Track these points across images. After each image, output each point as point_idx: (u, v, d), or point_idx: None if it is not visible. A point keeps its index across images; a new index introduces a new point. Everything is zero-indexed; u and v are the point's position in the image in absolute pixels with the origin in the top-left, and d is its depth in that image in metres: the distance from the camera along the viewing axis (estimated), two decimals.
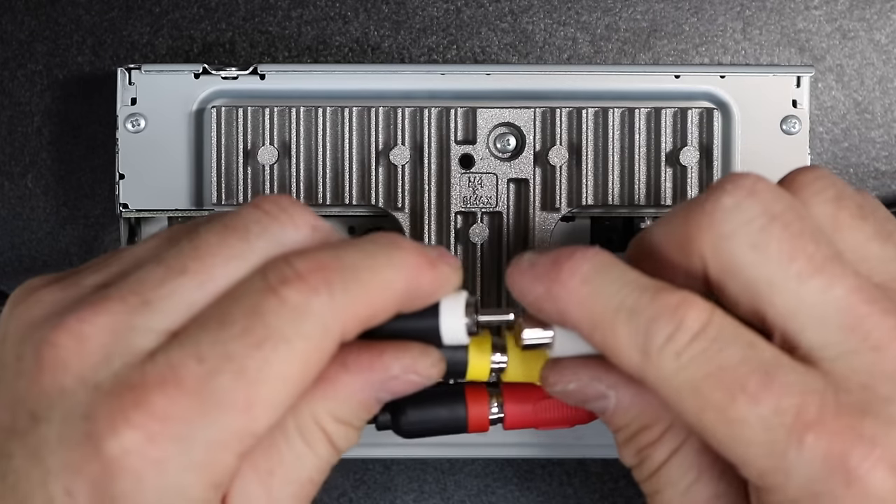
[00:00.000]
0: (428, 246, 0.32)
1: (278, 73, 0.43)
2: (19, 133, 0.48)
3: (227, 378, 0.28)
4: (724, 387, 0.29)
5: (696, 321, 0.30)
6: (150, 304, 0.29)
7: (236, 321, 0.29)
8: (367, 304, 0.30)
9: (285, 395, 0.29)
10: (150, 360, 0.29)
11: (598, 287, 0.31)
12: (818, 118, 0.48)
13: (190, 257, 0.30)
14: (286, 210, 0.31)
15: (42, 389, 0.29)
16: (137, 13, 0.48)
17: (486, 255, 0.42)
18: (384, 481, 0.49)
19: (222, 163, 0.42)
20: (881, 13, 0.48)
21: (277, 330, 0.29)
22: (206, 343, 0.29)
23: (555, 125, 0.42)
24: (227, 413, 0.28)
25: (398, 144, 0.42)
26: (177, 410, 0.28)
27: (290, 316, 0.29)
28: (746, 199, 0.30)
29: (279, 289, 0.29)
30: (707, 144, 0.42)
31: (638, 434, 0.33)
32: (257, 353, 0.29)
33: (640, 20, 0.48)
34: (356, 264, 0.30)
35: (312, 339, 0.29)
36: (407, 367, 0.32)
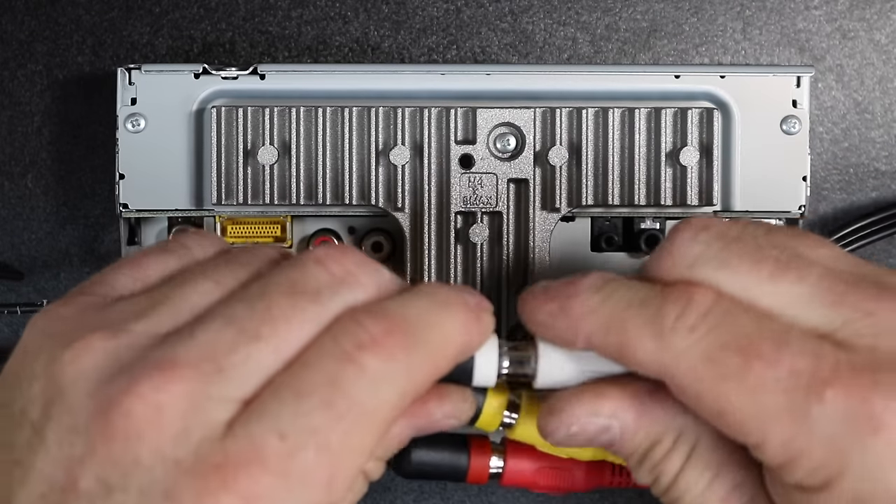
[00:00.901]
0: (464, 291, 0.32)
1: (278, 73, 0.43)
2: (19, 133, 0.48)
3: (311, 454, 0.28)
4: (740, 353, 0.29)
5: (706, 298, 0.30)
6: (224, 373, 0.29)
7: (315, 392, 0.28)
8: (434, 364, 0.31)
9: (360, 465, 0.29)
10: (230, 436, 0.28)
11: (608, 293, 0.32)
12: (818, 118, 0.48)
13: (263, 320, 0.29)
14: (353, 273, 0.31)
15: (113, 457, 0.28)
16: (137, 13, 0.48)
17: (485, 255, 0.42)
18: (384, 481, 0.49)
19: (222, 163, 0.42)
20: (881, 13, 0.48)
21: (358, 401, 0.29)
22: (286, 417, 0.28)
23: (555, 125, 0.42)
24: (311, 490, 0.28)
25: (398, 144, 0.42)
26: (262, 490, 0.27)
27: (369, 384, 0.29)
28: (702, 231, 0.32)
29: (357, 355, 0.29)
30: (707, 144, 0.42)
31: (650, 451, 0.33)
32: (339, 427, 0.28)
33: (640, 20, 0.48)
34: (422, 322, 0.30)
35: (391, 406, 0.29)
36: (448, 414, 0.33)
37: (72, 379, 0.29)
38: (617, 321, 0.31)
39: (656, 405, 0.32)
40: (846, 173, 0.49)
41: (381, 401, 0.29)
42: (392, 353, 0.29)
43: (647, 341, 0.30)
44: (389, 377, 0.29)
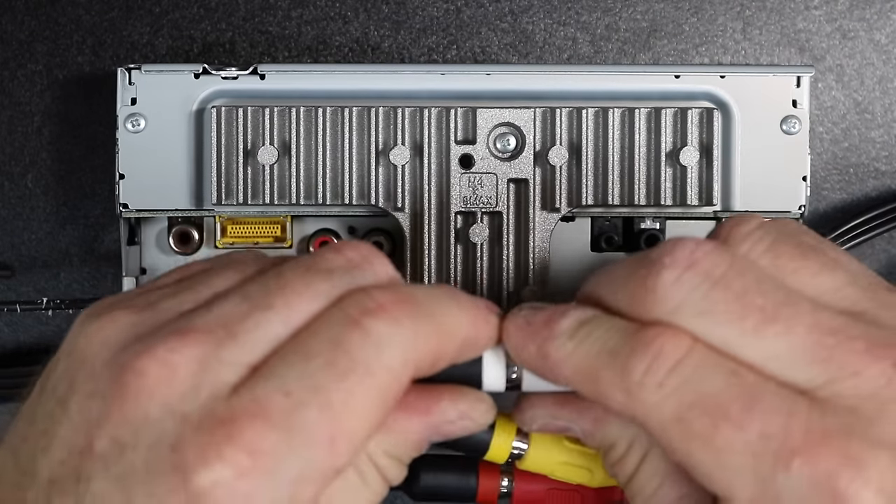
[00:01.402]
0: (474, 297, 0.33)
1: (278, 73, 0.43)
2: (19, 133, 0.48)
3: (314, 411, 0.29)
4: (707, 414, 0.29)
5: (676, 350, 0.30)
6: (236, 338, 0.30)
7: (320, 353, 0.29)
8: (441, 343, 0.31)
9: (366, 429, 0.30)
10: (236, 395, 0.29)
11: (581, 338, 0.32)
12: (818, 118, 0.48)
13: (276, 294, 0.30)
14: (368, 259, 0.32)
15: (126, 416, 0.29)
16: (137, 13, 0.48)
17: (485, 255, 0.42)
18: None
19: (222, 163, 0.42)
20: (881, 13, 0.48)
21: (362, 361, 0.29)
22: (291, 377, 0.29)
23: (555, 125, 0.42)
24: (313, 447, 0.29)
25: (398, 144, 0.42)
26: (266, 445, 0.28)
27: (373, 347, 0.29)
28: (686, 271, 0.31)
29: (362, 320, 0.30)
30: (707, 144, 0.42)
31: (607, 453, 0.34)
32: (342, 385, 0.29)
33: (640, 20, 0.48)
34: (430, 303, 0.31)
35: (394, 371, 0.30)
36: (463, 414, 0.33)
37: (95, 350, 0.30)
38: (589, 371, 0.31)
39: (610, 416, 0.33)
40: (846, 173, 0.49)
41: (384, 364, 0.29)
42: (397, 319, 0.30)
43: (618, 395, 0.30)
44: (393, 341, 0.30)
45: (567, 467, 0.35)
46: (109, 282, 0.48)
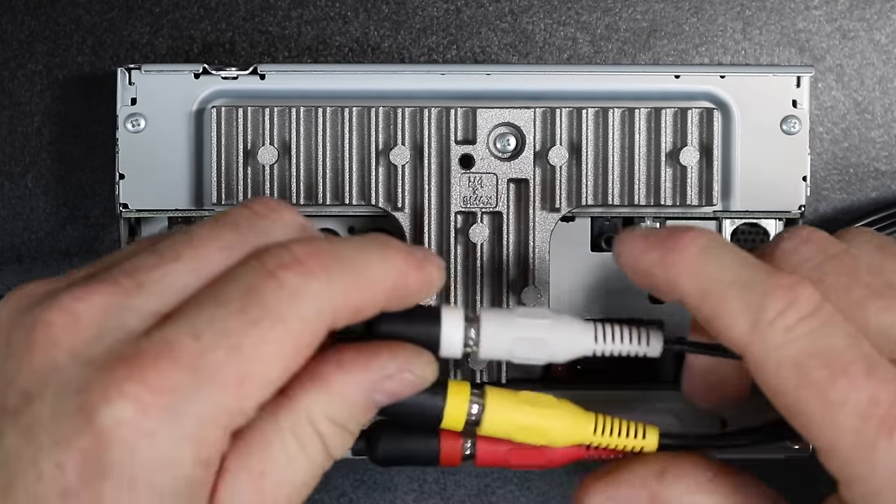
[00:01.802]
0: (414, 247, 0.33)
1: (278, 73, 0.43)
2: (19, 133, 0.48)
3: (222, 354, 0.29)
4: (828, 367, 0.30)
5: (808, 303, 0.31)
6: (143, 287, 0.30)
7: (233, 300, 0.29)
8: (359, 294, 0.31)
9: (277, 374, 0.30)
10: (144, 337, 0.29)
11: (713, 259, 0.32)
12: (818, 118, 0.48)
13: (183, 246, 0.31)
14: (276, 210, 0.32)
15: (34, 367, 0.29)
16: (137, 13, 0.48)
17: (486, 255, 0.42)
18: (384, 481, 0.49)
19: (222, 163, 0.42)
20: (881, 13, 0.48)
21: (274, 309, 0.29)
22: (202, 320, 0.29)
23: (555, 125, 0.42)
24: (220, 388, 0.29)
25: (398, 144, 0.42)
26: (170, 383, 0.28)
27: (287, 297, 0.30)
28: (803, 244, 0.33)
29: (277, 272, 0.30)
30: (707, 144, 0.42)
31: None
32: (253, 331, 0.29)
33: (640, 20, 0.48)
34: (350, 255, 0.31)
35: (307, 321, 0.30)
36: (402, 366, 0.32)
37: (8, 316, 0.31)
38: (716, 292, 0.32)
39: (666, 489, 0.34)
40: (846, 173, 0.49)
41: (297, 314, 0.30)
42: (312, 271, 0.30)
43: (742, 325, 0.31)
44: (308, 293, 0.30)
45: (526, 431, 0.35)
46: None
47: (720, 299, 0.31)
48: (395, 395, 0.32)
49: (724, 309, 0.31)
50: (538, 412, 0.35)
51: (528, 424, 0.35)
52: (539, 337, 0.35)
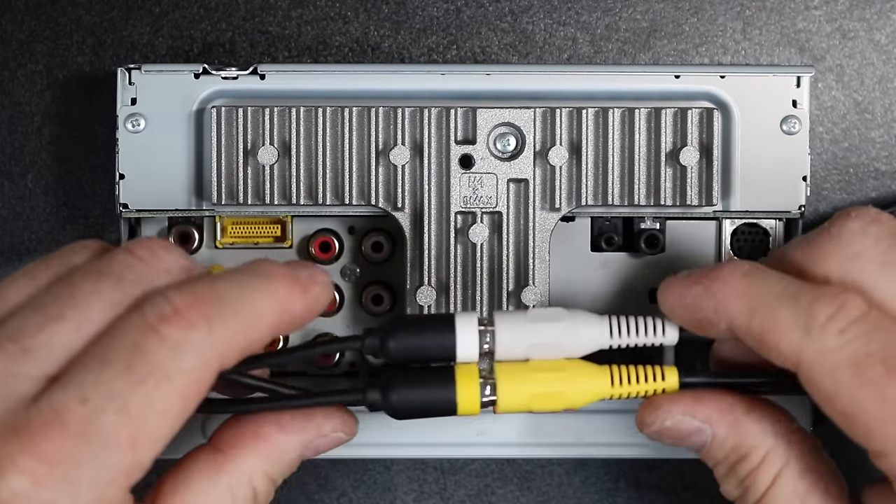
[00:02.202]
0: (299, 266, 0.34)
1: (278, 73, 0.43)
2: (19, 133, 0.48)
3: (111, 417, 0.29)
4: (885, 364, 0.30)
5: (857, 307, 0.31)
6: (29, 351, 0.30)
7: (118, 359, 0.29)
8: (243, 335, 0.31)
9: (167, 429, 0.30)
10: (34, 405, 0.29)
11: (757, 279, 0.33)
12: (818, 118, 0.48)
13: (67, 304, 0.31)
14: (157, 254, 0.32)
15: None
16: (137, 13, 0.48)
17: (485, 255, 0.42)
18: (384, 481, 0.49)
19: (222, 163, 0.42)
20: (881, 13, 0.48)
21: (159, 366, 0.29)
22: (88, 383, 0.29)
23: (555, 125, 0.42)
24: (113, 451, 0.29)
25: (398, 144, 0.42)
26: (62, 452, 0.28)
27: (170, 352, 0.30)
28: (871, 224, 0.33)
29: (158, 326, 0.30)
30: (707, 144, 0.42)
31: (738, 464, 0.34)
32: (140, 390, 0.29)
33: (640, 20, 0.48)
34: (231, 296, 0.31)
35: (192, 373, 0.30)
36: (336, 427, 0.34)
37: None
38: (764, 307, 0.32)
39: (750, 421, 0.34)
40: (846, 173, 0.49)
41: (182, 368, 0.30)
42: (193, 323, 0.30)
43: (794, 333, 0.31)
44: (190, 346, 0.30)
45: (542, 397, 0.35)
46: None
47: (769, 312, 0.32)
48: (321, 451, 0.34)
49: (774, 320, 0.31)
50: (552, 377, 0.34)
51: (545, 392, 0.34)
52: (555, 342, 0.35)
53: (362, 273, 0.45)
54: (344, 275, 0.45)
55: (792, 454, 0.34)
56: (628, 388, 0.35)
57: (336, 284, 0.45)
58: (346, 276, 0.45)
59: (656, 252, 0.44)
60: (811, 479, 0.33)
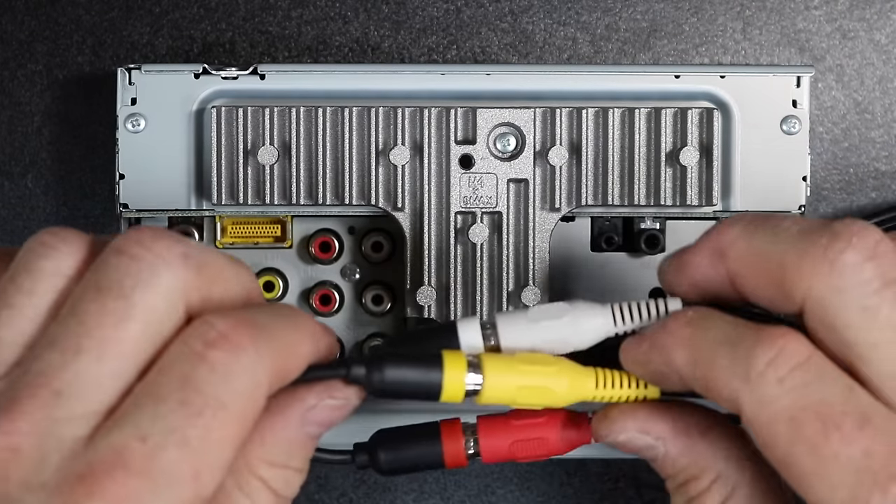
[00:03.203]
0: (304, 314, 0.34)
1: (278, 73, 0.43)
2: (19, 133, 0.48)
3: (173, 452, 0.29)
4: (820, 420, 0.29)
5: (798, 352, 0.30)
6: (61, 394, 0.29)
7: (170, 394, 0.29)
8: (286, 360, 0.31)
9: (228, 456, 0.30)
10: (91, 447, 0.29)
11: (699, 327, 0.32)
12: (818, 118, 0.48)
13: (78, 334, 0.30)
14: (150, 248, 0.31)
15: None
16: (137, 13, 0.48)
17: (485, 255, 0.42)
18: (384, 481, 0.49)
19: (222, 163, 0.42)
20: (881, 13, 0.48)
21: (213, 396, 0.29)
22: (145, 420, 0.29)
23: (555, 125, 0.42)
24: (177, 486, 0.29)
25: (398, 144, 0.42)
26: (130, 492, 0.28)
27: (221, 379, 0.29)
28: (869, 260, 0.30)
29: (206, 353, 0.29)
30: (707, 144, 0.42)
31: (687, 484, 0.34)
32: (198, 422, 0.29)
33: (640, 20, 0.48)
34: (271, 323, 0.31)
35: (246, 397, 0.30)
36: (320, 394, 0.33)
37: None
38: (704, 357, 0.31)
39: (704, 442, 0.33)
40: (846, 173, 0.49)
41: (236, 393, 0.29)
42: (240, 345, 0.30)
43: (733, 381, 0.30)
44: (241, 369, 0.30)
45: (527, 391, 0.34)
46: None
47: (709, 362, 0.31)
48: (326, 422, 0.33)
49: (713, 369, 0.31)
50: (537, 370, 0.34)
51: (529, 384, 0.34)
52: (560, 337, 0.35)
53: (362, 273, 0.45)
54: (344, 275, 0.45)
55: (743, 479, 0.33)
56: (611, 391, 0.34)
57: (336, 284, 0.45)
58: (346, 276, 0.45)
59: (656, 252, 0.44)
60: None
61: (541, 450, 0.36)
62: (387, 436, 0.36)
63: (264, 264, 0.45)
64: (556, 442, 0.36)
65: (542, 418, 0.36)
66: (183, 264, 0.31)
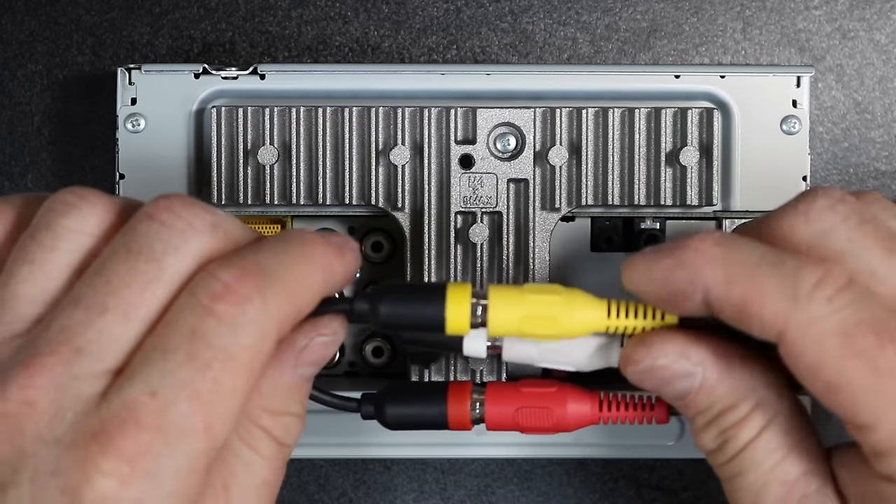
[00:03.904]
0: (329, 234, 0.33)
1: (278, 73, 0.43)
2: (19, 133, 0.48)
3: (183, 406, 0.29)
4: (875, 334, 0.29)
5: (842, 275, 0.30)
6: (82, 351, 0.29)
7: (179, 347, 0.29)
8: (295, 301, 0.31)
9: (237, 406, 0.30)
10: (104, 404, 0.29)
11: (733, 247, 0.31)
12: (818, 118, 0.48)
13: (105, 293, 0.30)
14: (181, 216, 0.31)
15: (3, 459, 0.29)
16: (137, 13, 0.48)
17: (485, 255, 0.42)
18: (384, 481, 0.49)
19: (222, 163, 0.42)
20: (881, 13, 0.48)
21: (221, 348, 0.29)
22: (155, 376, 0.29)
23: (555, 125, 0.42)
24: (190, 439, 0.29)
25: (398, 144, 0.42)
26: (142, 448, 0.28)
27: (228, 331, 0.30)
28: (839, 202, 0.31)
29: (212, 306, 0.30)
30: (707, 144, 0.42)
31: (723, 413, 0.32)
32: (207, 375, 0.29)
33: (640, 20, 0.48)
34: (276, 265, 0.31)
35: (254, 347, 0.30)
36: (309, 334, 0.33)
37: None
38: (744, 275, 0.30)
39: (744, 369, 0.32)
40: (846, 173, 0.49)
41: (243, 345, 0.30)
42: (246, 297, 0.30)
43: (778, 301, 0.30)
44: (247, 321, 0.30)
45: (532, 320, 0.33)
46: None
47: (750, 280, 0.30)
48: (318, 361, 0.33)
49: (756, 288, 0.30)
50: (545, 299, 0.33)
51: (536, 314, 0.33)
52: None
53: (362, 273, 0.45)
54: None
55: (782, 409, 0.32)
56: (625, 321, 0.33)
57: None
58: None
59: None
60: (795, 437, 0.32)
61: (546, 421, 0.35)
62: (395, 390, 0.36)
63: None
64: (562, 414, 0.35)
65: (552, 388, 0.35)
66: (211, 232, 0.31)
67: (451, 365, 0.42)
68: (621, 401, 0.36)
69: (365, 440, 0.43)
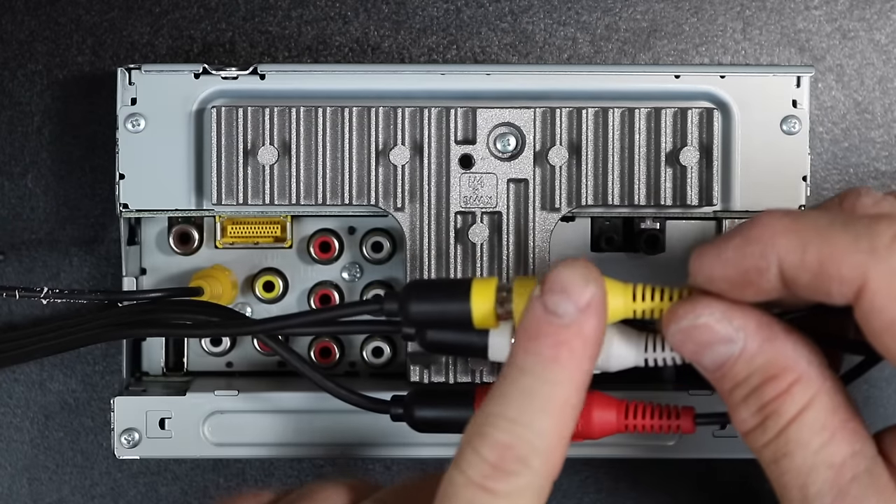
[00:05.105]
0: (536, 321, 0.32)
1: (278, 73, 0.43)
2: (19, 133, 0.48)
3: None
4: None
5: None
6: None
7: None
8: (552, 447, 0.31)
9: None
10: None
11: (801, 216, 0.30)
12: (818, 118, 0.48)
13: None
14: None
15: None
16: (137, 13, 0.48)
17: (485, 255, 0.42)
18: (384, 481, 0.49)
19: (222, 163, 0.42)
20: (881, 13, 0.48)
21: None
22: None
23: (555, 125, 0.42)
24: None
25: (398, 144, 0.42)
26: None
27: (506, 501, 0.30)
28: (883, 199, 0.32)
29: (486, 484, 0.30)
30: (707, 144, 0.42)
31: (763, 386, 0.31)
32: None
33: (640, 20, 0.48)
34: (527, 423, 0.31)
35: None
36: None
37: None
38: (818, 236, 0.29)
39: (787, 341, 0.31)
40: (846, 173, 0.49)
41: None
42: (514, 472, 0.31)
43: (856, 255, 0.29)
44: (524, 487, 0.31)
45: None
46: (109, 282, 0.48)
47: (825, 239, 0.29)
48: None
49: (832, 245, 0.29)
50: None
51: None
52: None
53: (362, 273, 0.45)
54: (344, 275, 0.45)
55: (824, 387, 0.30)
56: (650, 304, 0.33)
57: (336, 284, 0.45)
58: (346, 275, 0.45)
59: (656, 252, 0.44)
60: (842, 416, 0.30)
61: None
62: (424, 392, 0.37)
63: (264, 264, 0.45)
64: (587, 422, 0.35)
65: None
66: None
67: (451, 365, 0.42)
68: (647, 409, 0.35)
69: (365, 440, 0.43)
